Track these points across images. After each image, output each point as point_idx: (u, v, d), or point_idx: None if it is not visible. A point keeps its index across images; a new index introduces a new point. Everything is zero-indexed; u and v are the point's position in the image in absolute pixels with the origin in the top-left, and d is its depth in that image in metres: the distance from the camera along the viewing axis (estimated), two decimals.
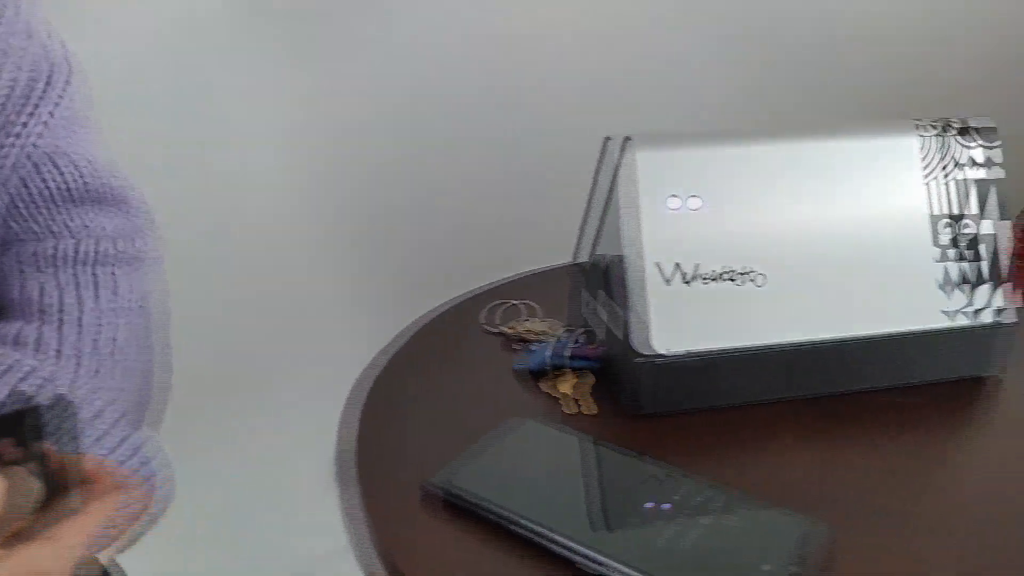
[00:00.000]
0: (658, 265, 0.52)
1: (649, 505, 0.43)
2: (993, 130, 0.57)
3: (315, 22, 0.93)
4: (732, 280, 0.52)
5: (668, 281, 0.52)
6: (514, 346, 0.64)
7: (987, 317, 0.56)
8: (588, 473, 0.46)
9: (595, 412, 0.54)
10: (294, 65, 0.93)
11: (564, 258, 0.65)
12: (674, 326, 0.52)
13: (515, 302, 0.70)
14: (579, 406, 0.55)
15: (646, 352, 0.51)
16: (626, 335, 0.52)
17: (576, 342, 0.60)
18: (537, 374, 0.59)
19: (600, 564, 0.39)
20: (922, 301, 0.55)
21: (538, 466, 0.47)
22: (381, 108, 0.96)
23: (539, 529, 0.41)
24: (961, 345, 0.56)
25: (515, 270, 0.75)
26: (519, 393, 0.58)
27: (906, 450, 0.51)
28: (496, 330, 0.67)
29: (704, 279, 0.52)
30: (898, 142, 0.56)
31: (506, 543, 0.42)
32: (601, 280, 0.57)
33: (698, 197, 0.52)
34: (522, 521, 0.42)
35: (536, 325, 0.66)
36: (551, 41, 1.00)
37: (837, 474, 0.49)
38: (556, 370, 0.59)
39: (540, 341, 0.62)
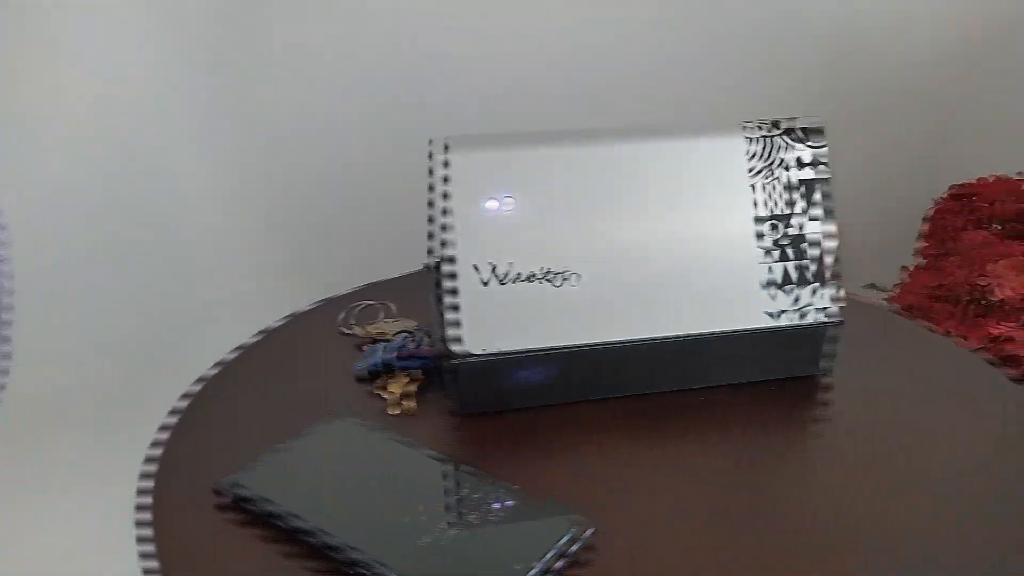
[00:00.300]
0: (474, 266, 0.52)
1: (423, 504, 0.43)
2: (820, 130, 0.57)
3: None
4: (548, 280, 0.52)
5: (485, 282, 0.52)
6: (363, 347, 0.64)
7: (811, 317, 0.56)
8: (376, 473, 0.46)
9: (413, 412, 0.54)
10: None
11: None
12: (489, 327, 0.52)
13: (372, 303, 0.70)
14: (403, 406, 0.55)
15: (459, 352, 0.51)
16: (443, 336, 0.52)
17: (416, 343, 0.60)
18: (374, 375, 0.59)
19: (357, 563, 0.39)
20: (746, 302, 0.55)
21: (331, 466, 0.47)
22: (266, 112, 0.96)
23: (309, 528, 0.41)
24: (786, 345, 0.56)
25: (400, 271, 0.76)
26: (355, 395, 0.58)
27: (720, 448, 0.51)
28: (350, 331, 0.67)
29: (520, 280, 0.52)
30: (724, 143, 0.56)
31: (287, 543, 0.42)
32: (433, 282, 0.57)
33: (514, 198, 0.52)
34: (295, 520, 0.42)
35: (387, 326, 0.66)
36: (449, 48, 1.00)
37: (641, 472, 0.49)
38: (389, 371, 0.59)
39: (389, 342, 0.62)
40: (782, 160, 0.56)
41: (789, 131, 0.57)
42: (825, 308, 0.56)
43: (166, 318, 0.99)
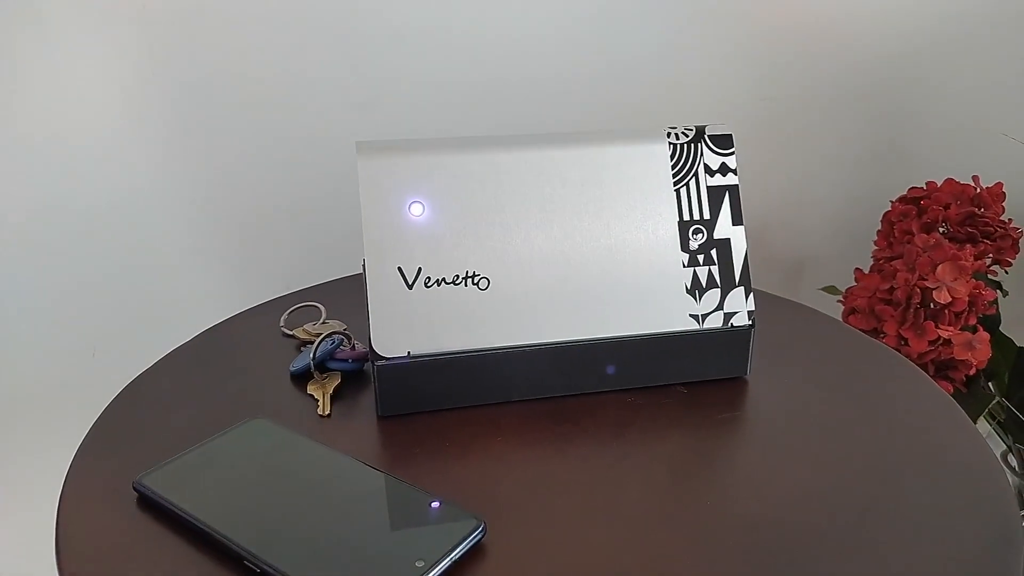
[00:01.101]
0: (386, 271, 0.53)
1: (326, 504, 0.44)
2: (728, 138, 0.59)
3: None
4: (458, 285, 0.54)
5: (397, 287, 0.54)
6: (302, 348, 0.66)
7: (734, 320, 0.58)
8: (285, 473, 0.48)
9: (327, 413, 0.56)
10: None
11: None
12: (400, 331, 0.53)
13: (314, 304, 0.71)
14: (318, 408, 0.56)
15: (381, 354, 0.53)
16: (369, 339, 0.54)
17: (332, 344, 0.61)
18: (308, 376, 0.61)
19: (252, 561, 0.41)
20: (670, 306, 0.57)
21: (241, 466, 0.48)
22: (215, 106, 0.97)
23: (203, 526, 0.43)
24: (703, 348, 0.58)
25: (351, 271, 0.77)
26: (290, 395, 0.59)
27: (630, 450, 0.52)
28: (291, 332, 0.68)
29: (430, 284, 0.54)
30: (648, 149, 0.58)
31: (192, 542, 0.44)
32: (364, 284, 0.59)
33: (426, 204, 0.54)
34: (191, 518, 0.43)
35: (316, 328, 0.68)
36: (396, 44, 1.01)
37: (549, 472, 0.50)
38: (322, 372, 0.60)
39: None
40: (706, 166, 0.58)
41: (711, 138, 0.58)
42: (735, 312, 0.58)
43: (112, 317, 1.01)
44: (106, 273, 0.99)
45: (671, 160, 0.58)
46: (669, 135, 0.58)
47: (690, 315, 0.57)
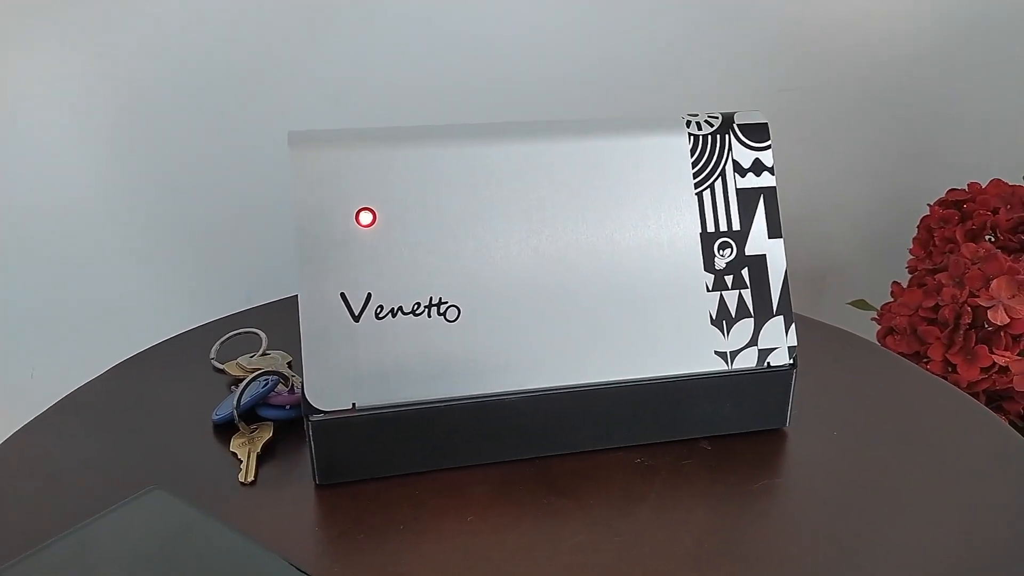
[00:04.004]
0: (322, 299, 0.41)
1: None
2: (762, 127, 0.46)
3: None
4: (416, 316, 0.42)
5: (356, 316, 0.41)
6: (232, 387, 0.53)
7: (767, 359, 0.45)
8: (165, 569, 0.35)
9: (250, 480, 0.43)
10: None
11: None
12: (346, 377, 0.41)
13: (253, 331, 0.59)
14: (240, 473, 0.44)
15: (317, 407, 0.41)
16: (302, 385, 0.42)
17: (291, 387, 0.49)
18: (234, 427, 0.48)
19: None
20: (691, 341, 0.44)
21: (116, 562, 0.36)
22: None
23: None
24: (728, 393, 0.46)
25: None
26: (208, 452, 0.47)
27: (641, 533, 0.40)
28: (222, 367, 0.56)
29: (381, 315, 0.41)
30: (663, 142, 0.45)
31: None
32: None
33: (386, 210, 0.42)
34: None
35: (252, 362, 0.55)
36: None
37: (527, 556, 0.38)
38: (250, 423, 0.48)
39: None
40: (736, 163, 0.46)
41: (736, 127, 0.46)
42: (773, 349, 0.45)
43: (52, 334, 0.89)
44: (46, 286, 0.87)
45: (692, 156, 0.45)
46: (689, 124, 0.46)
47: (716, 352, 0.45)
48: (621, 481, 0.44)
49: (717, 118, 0.46)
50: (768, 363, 0.45)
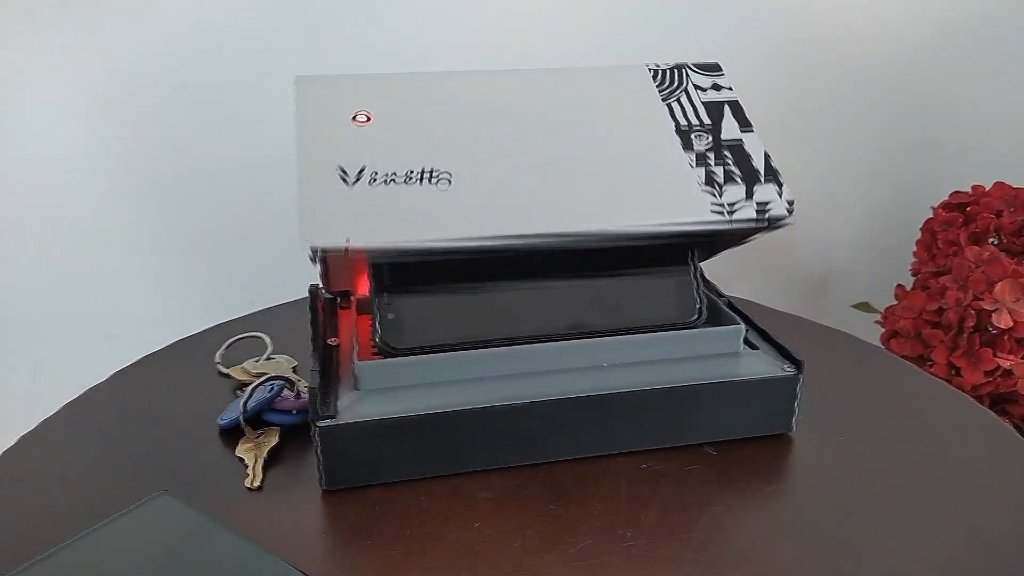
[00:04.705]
0: (340, 166, 0.43)
1: None
2: (714, 65, 0.51)
3: None
4: (420, 183, 0.43)
5: (351, 184, 0.42)
6: (238, 392, 0.53)
7: (766, 212, 0.45)
8: (173, 575, 0.35)
9: (257, 485, 0.43)
10: None
11: None
12: (340, 220, 0.41)
13: (258, 335, 0.59)
14: (247, 478, 0.44)
15: (313, 242, 0.40)
16: (311, 391, 0.42)
17: (296, 392, 0.49)
18: (240, 432, 0.48)
19: None
20: (688, 198, 0.45)
21: (124, 567, 0.36)
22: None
23: None
24: (742, 394, 0.46)
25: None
26: (214, 458, 0.47)
27: (647, 541, 0.40)
28: (227, 371, 0.56)
29: (384, 181, 0.43)
30: (628, 72, 0.50)
31: None
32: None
33: (381, 114, 0.43)
34: None
35: (257, 366, 0.55)
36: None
37: (540, 564, 0.38)
38: (256, 428, 0.48)
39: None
40: (696, 85, 0.50)
41: (690, 65, 0.51)
42: (769, 202, 0.45)
43: (57, 335, 0.89)
44: (51, 291, 0.87)
45: (655, 81, 0.49)
46: (648, 67, 0.50)
47: (713, 206, 0.44)
48: (627, 487, 0.44)
49: (669, 63, 0.50)
50: (768, 217, 0.45)
